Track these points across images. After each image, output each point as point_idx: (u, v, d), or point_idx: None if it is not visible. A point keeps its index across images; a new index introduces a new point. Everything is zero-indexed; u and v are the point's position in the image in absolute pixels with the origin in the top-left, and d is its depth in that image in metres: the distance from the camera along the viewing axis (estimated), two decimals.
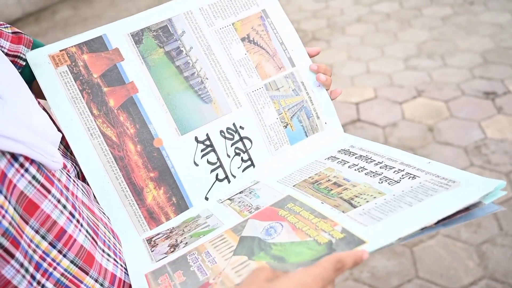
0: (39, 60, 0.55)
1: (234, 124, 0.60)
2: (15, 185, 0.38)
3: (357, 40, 2.71)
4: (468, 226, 1.46)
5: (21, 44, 0.56)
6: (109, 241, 0.50)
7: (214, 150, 0.59)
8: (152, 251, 0.52)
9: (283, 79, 0.63)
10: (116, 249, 0.51)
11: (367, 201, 0.46)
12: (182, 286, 0.44)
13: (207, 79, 0.61)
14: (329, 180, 0.53)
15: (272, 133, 0.62)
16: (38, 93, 0.56)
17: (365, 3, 3.21)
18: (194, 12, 0.62)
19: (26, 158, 0.40)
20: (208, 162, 0.59)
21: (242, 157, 0.61)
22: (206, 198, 0.59)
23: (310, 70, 0.64)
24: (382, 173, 0.51)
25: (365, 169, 0.53)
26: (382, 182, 0.49)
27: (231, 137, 0.60)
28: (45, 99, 0.55)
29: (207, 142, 0.59)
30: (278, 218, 0.48)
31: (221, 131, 0.60)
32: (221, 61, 0.61)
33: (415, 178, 0.48)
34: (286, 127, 0.63)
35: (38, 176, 0.41)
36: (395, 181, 0.49)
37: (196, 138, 0.59)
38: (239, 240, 0.47)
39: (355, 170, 0.54)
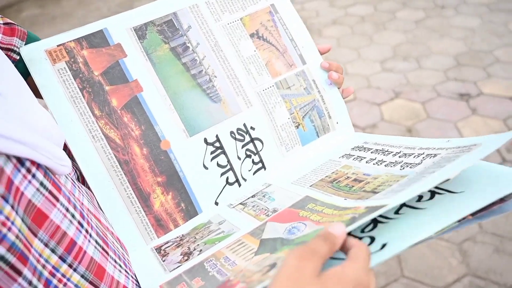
0: (35, 55, 0.50)
1: (244, 125, 0.57)
2: (22, 193, 0.34)
3: (334, 42, 2.73)
4: None
5: (15, 36, 0.51)
6: (118, 251, 0.46)
7: (224, 152, 0.56)
8: (163, 261, 0.48)
9: (294, 77, 0.61)
10: (125, 259, 0.47)
11: (390, 185, 0.44)
12: None
13: (216, 77, 0.57)
14: (348, 177, 0.51)
15: (284, 133, 0.60)
16: (33, 90, 0.51)
17: (340, 6, 3.24)
18: (200, 6, 0.59)
19: (32, 163, 0.36)
20: (218, 165, 0.56)
21: (253, 159, 0.58)
22: (216, 203, 0.56)
23: (322, 68, 0.62)
24: (402, 160, 0.49)
25: (384, 161, 0.51)
26: (403, 168, 0.47)
27: (242, 138, 0.57)
28: (41, 97, 0.50)
29: (217, 144, 0.56)
30: (299, 218, 0.45)
31: (231, 132, 0.57)
32: (229, 58, 0.58)
33: (436, 156, 0.46)
34: (297, 127, 0.60)
35: (46, 182, 0.37)
36: (417, 164, 0.47)
37: (205, 140, 0.55)
38: (260, 242, 0.44)
39: (373, 164, 0.52)
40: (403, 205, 0.42)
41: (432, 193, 0.42)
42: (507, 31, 2.56)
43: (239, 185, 0.57)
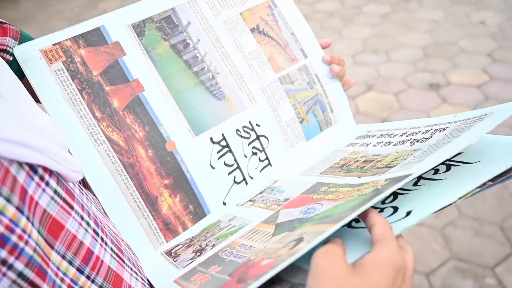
0: (29, 55, 0.47)
1: (250, 122, 0.56)
2: (37, 203, 0.32)
3: None
4: None
5: (7, 36, 0.47)
6: (131, 258, 0.44)
7: (230, 151, 0.55)
8: (175, 261, 0.47)
9: (297, 71, 0.60)
10: (139, 266, 0.45)
11: (405, 159, 0.44)
12: (220, 273, 0.39)
13: (218, 73, 0.56)
14: (357, 160, 0.50)
15: (289, 129, 0.59)
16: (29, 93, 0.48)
17: (308, 2, 3.27)
18: (199, 0, 0.57)
19: (45, 169, 0.34)
20: (225, 164, 0.54)
21: (259, 157, 0.57)
22: (224, 203, 0.54)
23: (323, 62, 0.61)
24: (411, 138, 0.49)
25: (392, 142, 0.51)
26: (413, 144, 0.47)
27: (248, 135, 0.56)
28: (37, 99, 0.47)
29: (223, 143, 0.54)
30: (313, 201, 0.44)
31: (237, 130, 0.55)
32: (231, 54, 0.57)
33: (446, 129, 0.46)
34: (301, 122, 0.60)
35: (59, 190, 0.35)
36: (427, 138, 0.47)
37: (211, 139, 0.54)
38: (275, 226, 0.43)
39: (381, 146, 0.51)
40: (421, 178, 0.42)
41: (448, 166, 0.42)
42: (468, 22, 2.66)
43: (246, 183, 0.56)
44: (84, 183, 0.51)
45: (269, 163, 0.57)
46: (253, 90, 0.57)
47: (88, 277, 0.35)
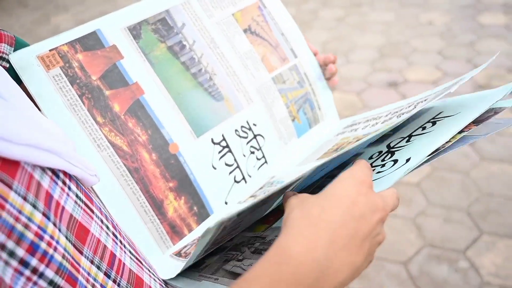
0: (26, 62, 0.45)
1: (247, 122, 0.57)
2: (63, 208, 0.31)
3: None
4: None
5: (2, 42, 0.46)
6: (146, 260, 0.43)
7: (230, 151, 0.55)
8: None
9: (288, 71, 0.62)
10: (153, 268, 0.45)
11: (393, 124, 0.47)
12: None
13: (215, 74, 0.56)
14: (350, 142, 0.53)
15: (282, 127, 0.60)
16: None
17: None
18: (192, 2, 0.57)
19: (65, 174, 0.33)
20: (226, 164, 0.55)
21: (256, 156, 0.58)
22: (226, 203, 0.55)
23: (317, 62, 0.64)
24: (396, 115, 0.52)
25: (378, 122, 0.54)
26: (400, 116, 0.50)
27: (246, 135, 0.57)
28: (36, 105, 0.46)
29: (223, 143, 0.55)
30: None
31: (236, 130, 0.56)
32: (226, 55, 0.58)
33: (427, 99, 0.49)
34: (293, 120, 0.62)
35: (80, 194, 0.34)
36: (411, 109, 0.49)
37: (212, 140, 0.54)
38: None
39: (369, 127, 0.54)
40: (411, 136, 0.46)
41: (433, 122, 0.46)
42: (418, 23, 2.81)
43: (246, 182, 0.57)
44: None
45: (266, 161, 0.58)
46: (249, 90, 0.58)
47: (114, 281, 0.35)
